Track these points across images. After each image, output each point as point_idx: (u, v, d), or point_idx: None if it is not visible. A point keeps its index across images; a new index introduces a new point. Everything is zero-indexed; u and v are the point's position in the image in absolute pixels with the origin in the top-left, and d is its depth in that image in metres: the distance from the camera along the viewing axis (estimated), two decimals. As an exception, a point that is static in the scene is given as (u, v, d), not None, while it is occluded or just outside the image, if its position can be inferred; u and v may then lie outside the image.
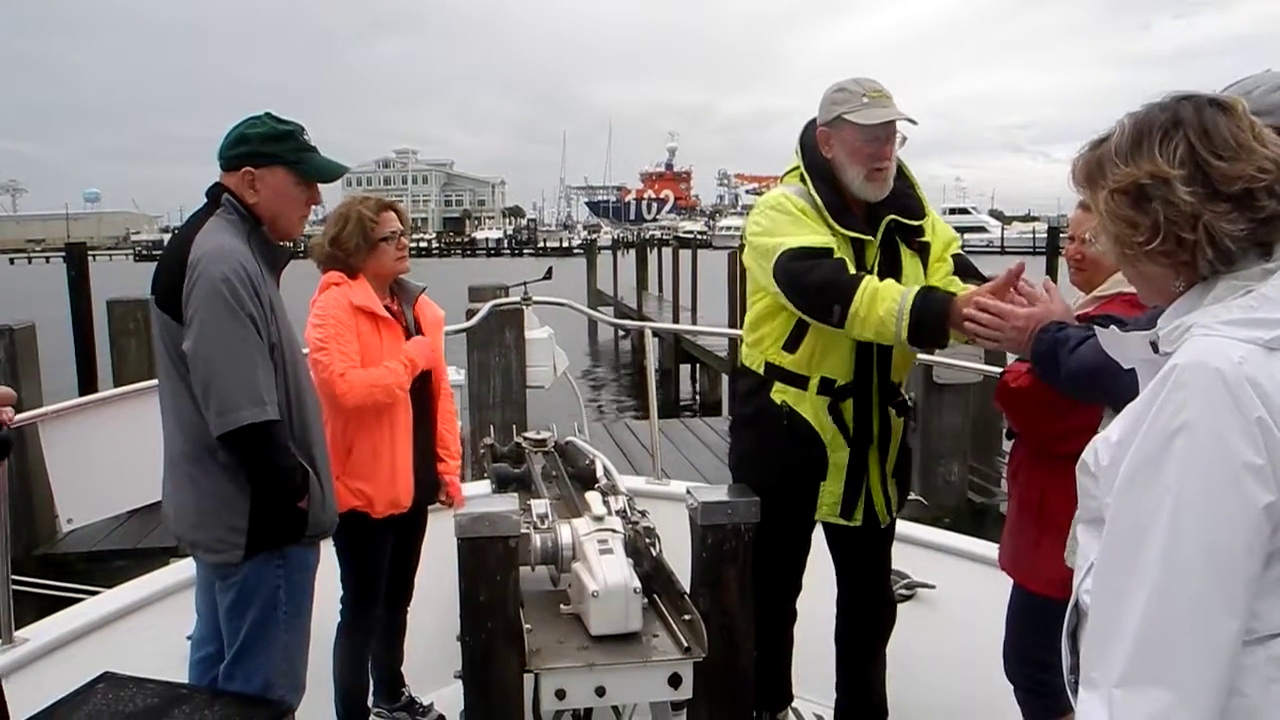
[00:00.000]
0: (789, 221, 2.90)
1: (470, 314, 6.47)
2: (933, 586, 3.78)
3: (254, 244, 2.63)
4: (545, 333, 7.16)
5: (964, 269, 3.04)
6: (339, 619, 3.41)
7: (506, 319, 8.34)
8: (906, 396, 3.09)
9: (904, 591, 3.78)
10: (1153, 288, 1.50)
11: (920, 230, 3.00)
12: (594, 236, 71.21)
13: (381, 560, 3.40)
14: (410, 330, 3.48)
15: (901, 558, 3.84)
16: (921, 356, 7.65)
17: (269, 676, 2.68)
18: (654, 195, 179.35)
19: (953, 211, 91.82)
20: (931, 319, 2.67)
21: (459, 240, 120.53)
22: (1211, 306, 1.38)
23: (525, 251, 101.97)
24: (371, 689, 3.57)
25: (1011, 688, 2.86)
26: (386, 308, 3.38)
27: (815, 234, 2.86)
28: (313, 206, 2.80)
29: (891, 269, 2.93)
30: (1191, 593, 1.28)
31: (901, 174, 3.00)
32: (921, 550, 3.95)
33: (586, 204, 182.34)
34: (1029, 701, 2.80)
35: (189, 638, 2.97)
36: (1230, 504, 1.27)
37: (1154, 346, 1.47)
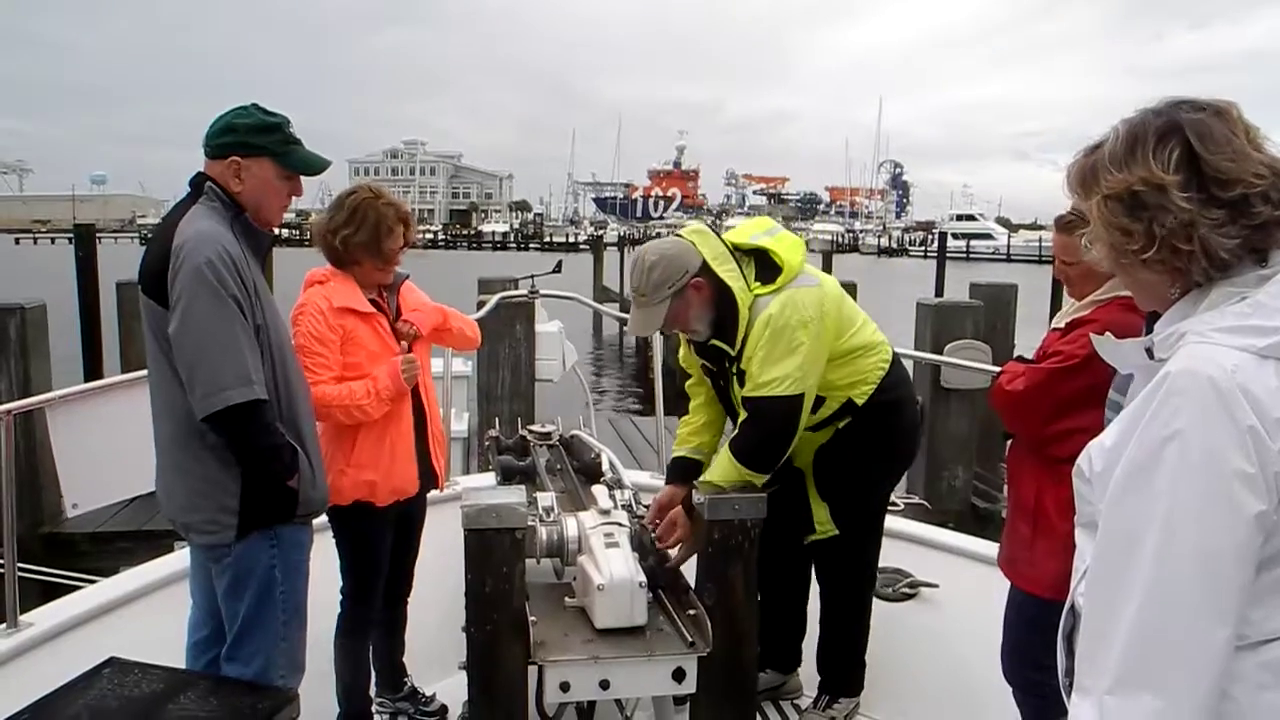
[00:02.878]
0: None
1: (480, 306, 6.48)
2: (935, 585, 3.79)
3: (237, 230, 2.67)
4: (555, 326, 7.14)
5: (749, 411, 3.08)
6: (339, 612, 3.41)
7: (517, 312, 8.32)
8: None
9: (907, 590, 3.80)
10: (1148, 294, 1.50)
11: (738, 356, 3.10)
12: (600, 233, 71.05)
13: (382, 552, 3.39)
14: (394, 319, 3.38)
15: (905, 557, 3.87)
16: (930, 357, 7.67)
17: (270, 656, 2.71)
18: (661, 193, 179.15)
19: (959, 218, 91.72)
20: None
21: (465, 233, 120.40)
22: (1206, 313, 1.38)
23: (531, 246, 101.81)
24: (374, 680, 3.58)
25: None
26: (372, 300, 3.31)
27: (681, 345, 3.45)
28: (294, 197, 2.82)
29: (727, 387, 3.22)
30: (1183, 599, 1.28)
31: (730, 297, 3.07)
32: (924, 549, 3.96)
33: (593, 200, 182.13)
34: (1026, 701, 2.82)
35: None
36: (1221, 512, 1.27)
37: (1149, 353, 1.47)
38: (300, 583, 2.79)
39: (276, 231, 3.00)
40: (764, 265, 3.07)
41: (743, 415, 3.06)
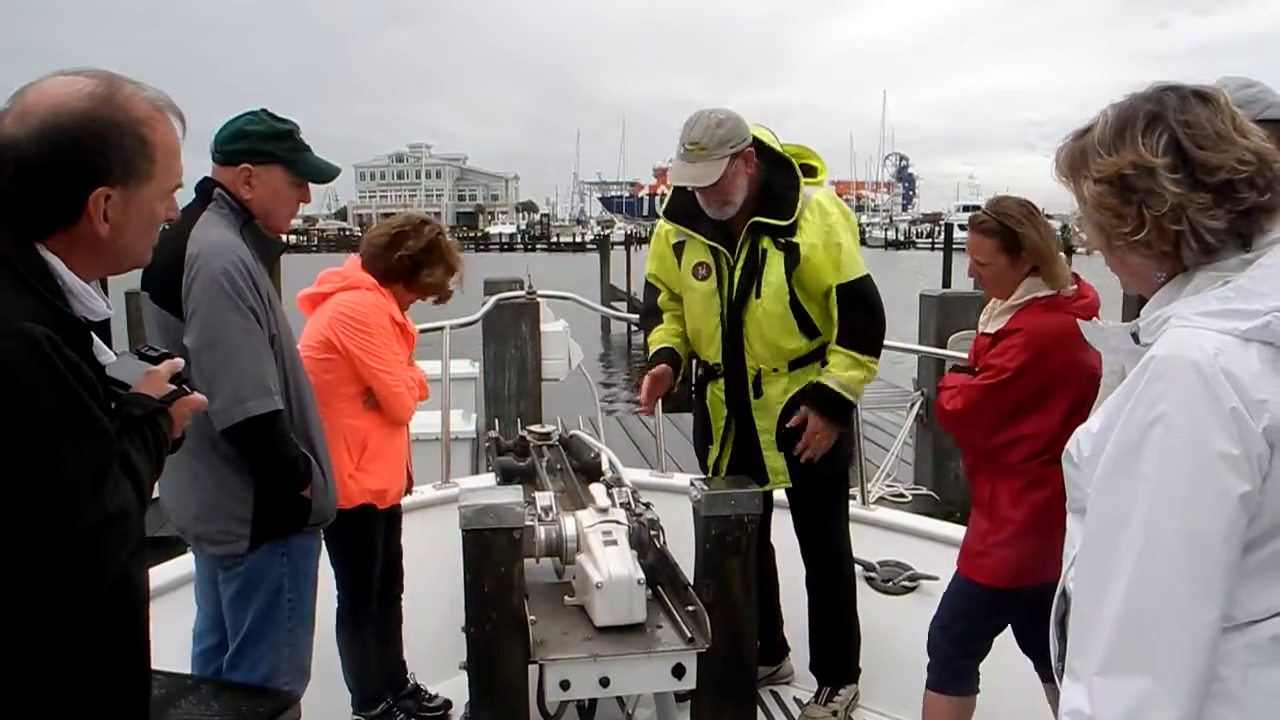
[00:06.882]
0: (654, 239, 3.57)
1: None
2: (935, 578, 3.80)
3: (247, 237, 2.65)
4: (560, 326, 7.16)
5: (848, 300, 3.19)
6: (337, 607, 3.43)
7: (522, 313, 8.35)
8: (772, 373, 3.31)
9: (906, 583, 3.81)
10: (1135, 277, 1.50)
11: (789, 230, 3.17)
12: (607, 232, 70.92)
13: (379, 544, 3.44)
14: None
15: (903, 549, 3.88)
16: (931, 350, 7.65)
17: (275, 664, 2.71)
18: (667, 190, 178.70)
19: (966, 209, 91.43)
20: None
21: (472, 235, 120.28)
22: (1190, 298, 1.39)
23: (538, 247, 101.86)
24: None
25: (1011, 675, 2.88)
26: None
27: (653, 258, 3.56)
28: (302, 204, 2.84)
29: (752, 268, 3.22)
30: (1170, 581, 1.29)
31: (790, 171, 3.22)
32: (923, 542, 3.96)
33: (600, 199, 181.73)
34: (940, 676, 2.94)
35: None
36: (1207, 493, 1.28)
37: (1135, 337, 1.48)
38: (308, 589, 2.80)
39: (284, 238, 3.01)
40: (802, 167, 3.26)
41: (831, 303, 3.18)
